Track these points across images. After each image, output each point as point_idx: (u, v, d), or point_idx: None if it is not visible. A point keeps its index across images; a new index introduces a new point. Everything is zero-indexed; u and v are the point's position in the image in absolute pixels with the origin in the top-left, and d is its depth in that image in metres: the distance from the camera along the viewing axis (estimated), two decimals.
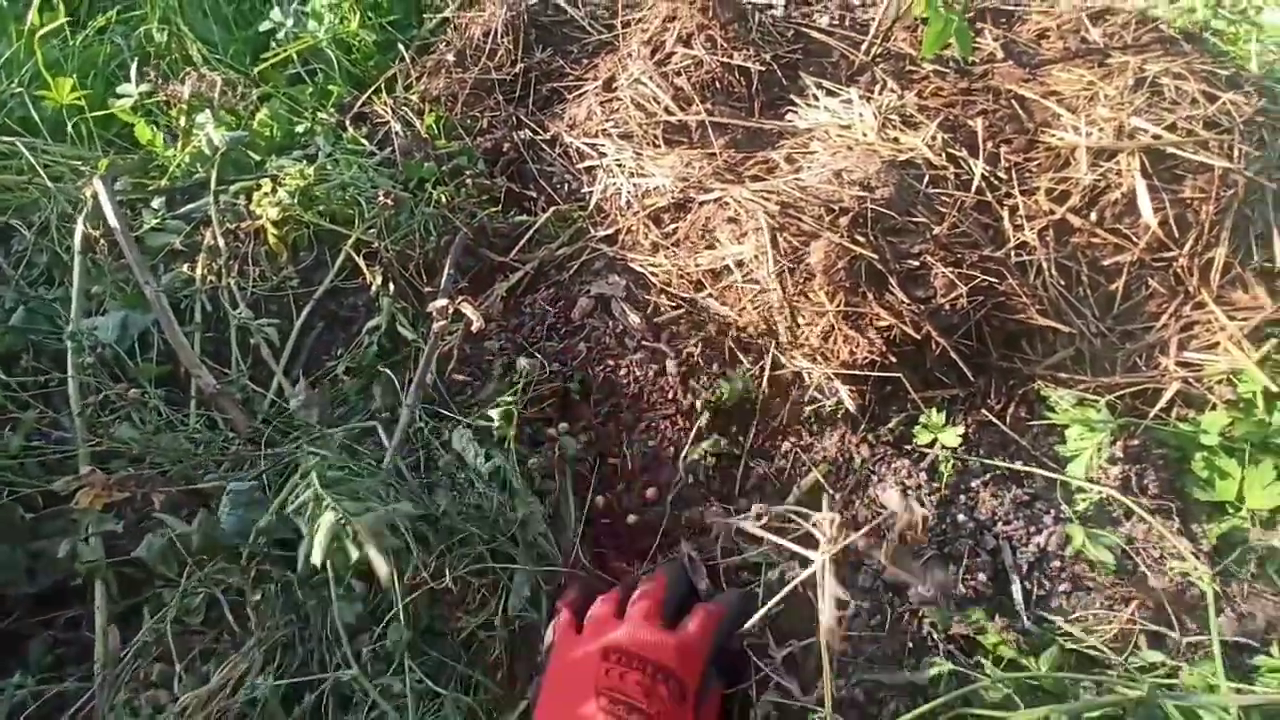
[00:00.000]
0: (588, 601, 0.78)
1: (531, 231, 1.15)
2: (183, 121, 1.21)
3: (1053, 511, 0.87)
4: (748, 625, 0.76)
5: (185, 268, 1.07)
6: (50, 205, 1.09)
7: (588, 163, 1.22)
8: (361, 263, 1.07)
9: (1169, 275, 1.05)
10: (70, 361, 0.93)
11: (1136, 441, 0.89)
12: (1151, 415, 0.92)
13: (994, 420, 0.94)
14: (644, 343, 1.01)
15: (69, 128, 1.27)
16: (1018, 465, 0.89)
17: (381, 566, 0.72)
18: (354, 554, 0.72)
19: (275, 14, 1.42)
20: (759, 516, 0.79)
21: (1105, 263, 1.05)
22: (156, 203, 1.14)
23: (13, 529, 0.83)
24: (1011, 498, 0.87)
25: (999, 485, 0.89)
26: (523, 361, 0.98)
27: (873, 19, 1.33)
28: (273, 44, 1.43)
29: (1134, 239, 1.05)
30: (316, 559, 0.68)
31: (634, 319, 1.03)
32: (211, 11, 1.53)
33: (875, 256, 0.95)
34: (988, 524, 0.86)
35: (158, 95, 1.22)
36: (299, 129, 1.31)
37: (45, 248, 1.08)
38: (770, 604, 0.73)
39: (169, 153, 1.22)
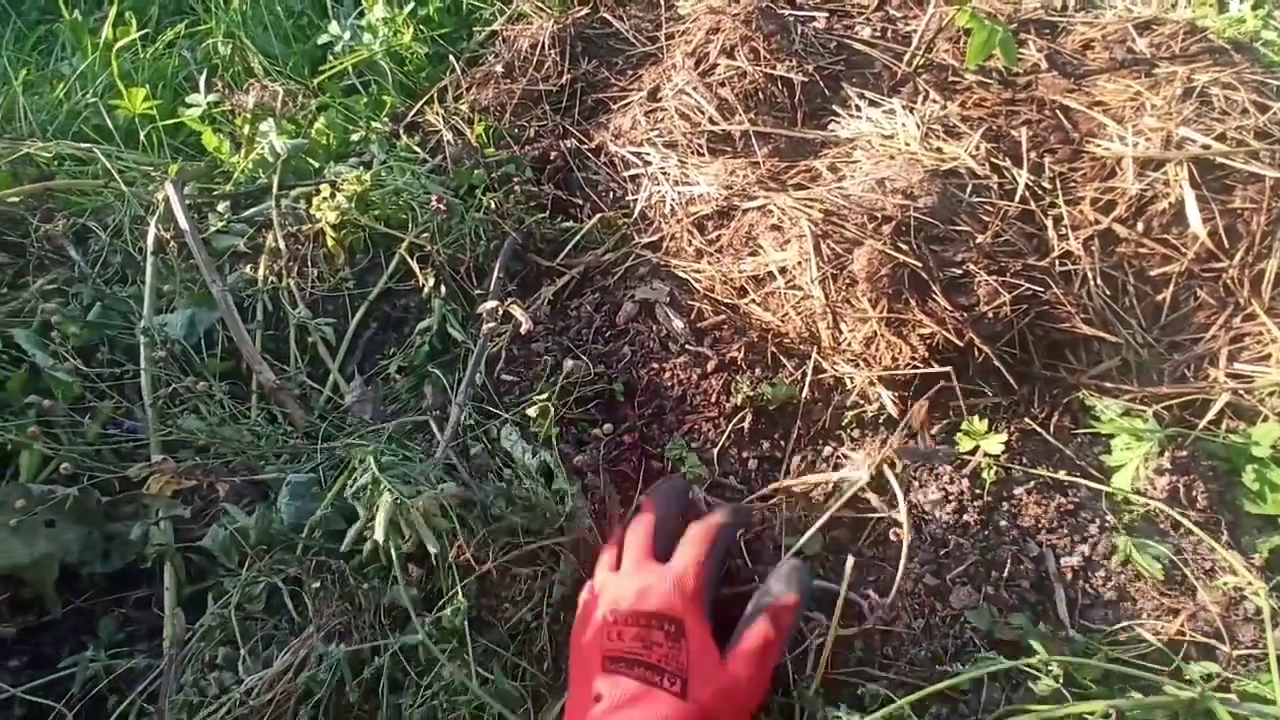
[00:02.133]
0: None
1: (578, 238, 1.18)
2: (246, 130, 1.26)
3: (1098, 520, 0.86)
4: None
5: (248, 269, 1.12)
6: (124, 208, 1.15)
7: (632, 171, 1.25)
8: (414, 265, 1.11)
9: (1218, 286, 1.04)
10: (143, 355, 0.98)
11: (1184, 452, 0.89)
12: (1200, 426, 0.91)
13: (1038, 429, 0.94)
14: (687, 347, 1.03)
15: (141, 135, 1.34)
16: (1062, 474, 0.89)
17: (432, 543, 0.76)
18: (408, 534, 0.75)
19: (333, 28, 1.48)
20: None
21: (1152, 273, 1.05)
22: (222, 206, 1.20)
23: (89, 512, 0.88)
24: (1055, 506, 0.87)
25: (1043, 493, 0.89)
26: (569, 363, 1.01)
27: (915, 30, 1.35)
28: (330, 56, 1.49)
29: (1182, 249, 1.04)
30: (379, 538, 0.71)
31: (677, 324, 1.05)
32: (272, 26, 1.59)
33: (919, 264, 0.96)
34: (1031, 531, 0.86)
35: (224, 105, 1.28)
36: (354, 137, 1.36)
37: (119, 248, 1.14)
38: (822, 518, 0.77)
39: (234, 159, 1.28)
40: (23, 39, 1.75)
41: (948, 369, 0.93)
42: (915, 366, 0.93)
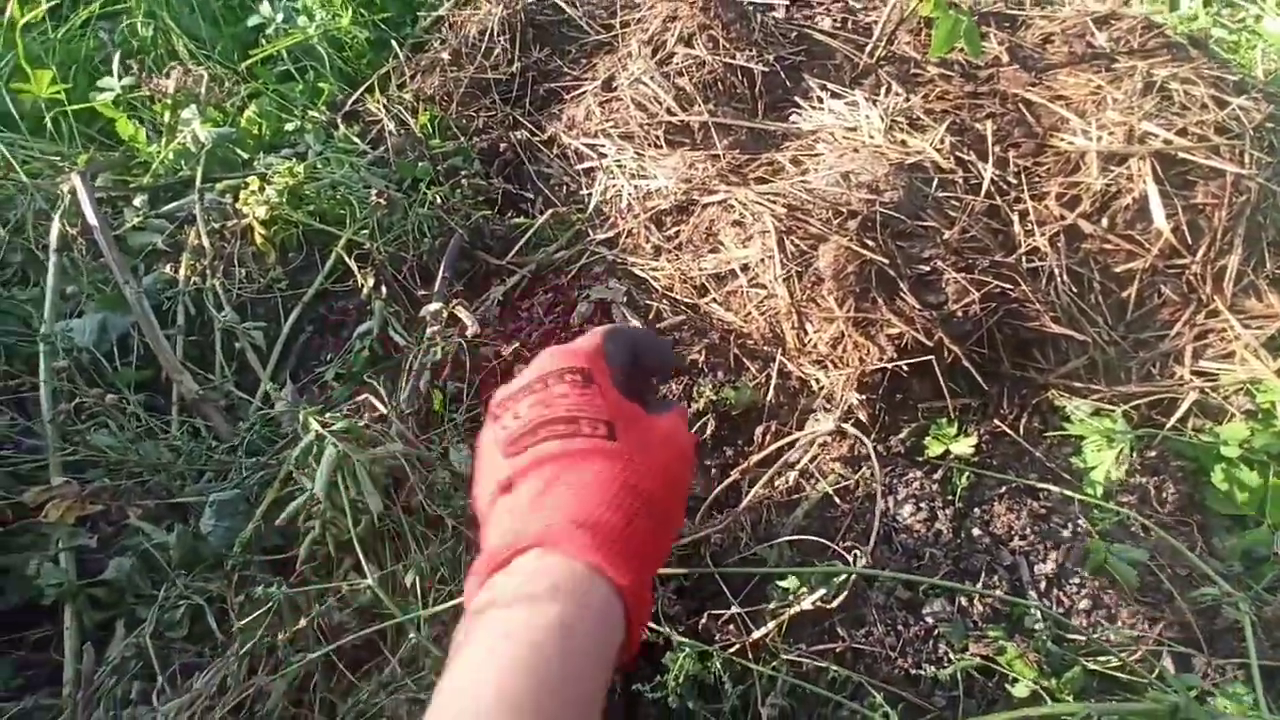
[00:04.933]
0: None
1: (529, 234, 1.12)
2: (167, 117, 1.16)
3: (1070, 525, 0.84)
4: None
5: (168, 268, 1.02)
6: (26, 202, 1.05)
7: (587, 164, 1.19)
8: (353, 264, 1.03)
9: (1182, 282, 1.03)
10: (42, 365, 0.88)
11: (1154, 453, 0.87)
12: (1168, 426, 0.90)
13: (1007, 431, 0.91)
14: None
15: (48, 122, 1.23)
16: (1033, 479, 0.86)
17: (375, 499, 0.70)
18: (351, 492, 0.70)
19: (265, 9, 1.38)
20: None
21: (1117, 269, 1.03)
22: (139, 200, 1.10)
23: None
24: (1028, 511, 0.85)
25: (1014, 498, 0.86)
26: (522, 369, 0.95)
27: (876, 21, 1.31)
28: (262, 40, 1.39)
29: (1146, 245, 1.03)
30: (319, 490, 0.68)
31: (635, 325, 1.00)
32: (199, 6, 1.48)
33: (885, 261, 0.92)
34: (1004, 539, 0.83)
35: (141, 90, 1.17)
36: (289, 127, 1.26)
37: (20, 246, 1.03)
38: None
39: (152, 149, 1.17)
40: None
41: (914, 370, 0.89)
42: (883, 368, 0.89)
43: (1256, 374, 0.92)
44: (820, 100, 1.21)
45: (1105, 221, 1.04)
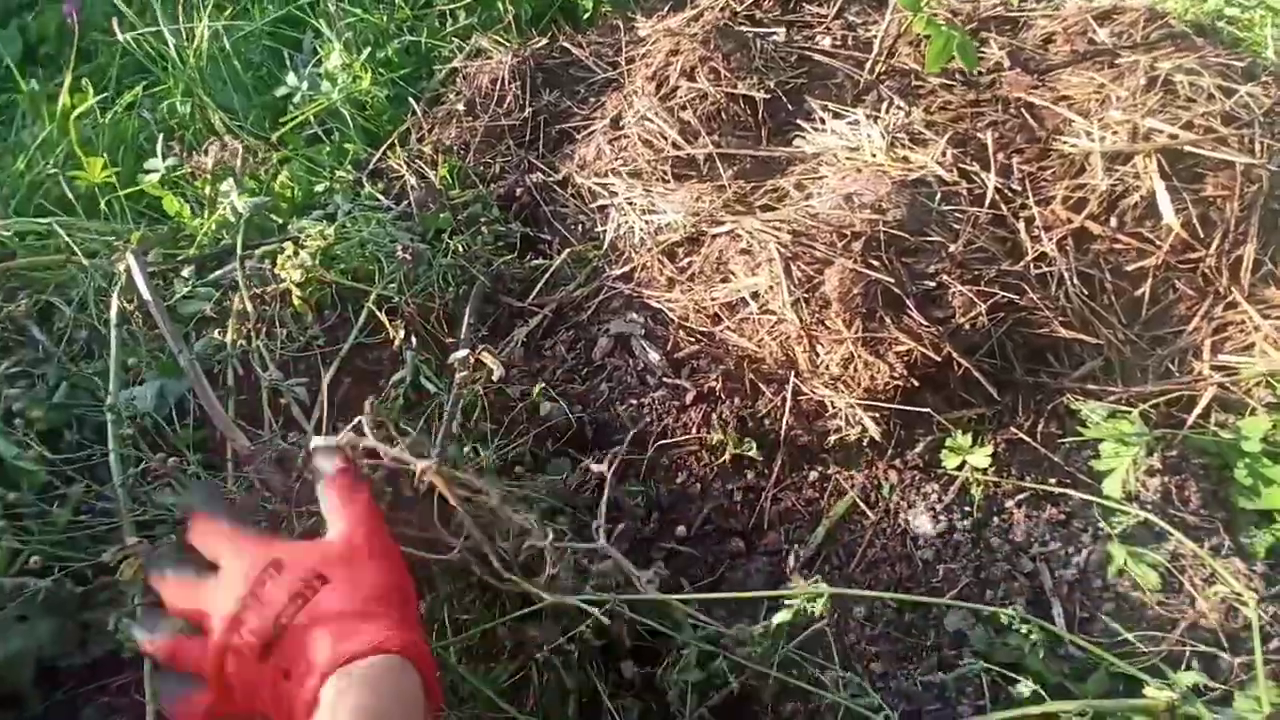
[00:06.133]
0: None
1: (548, 274, 1.17)
2: (208, 191, 1.25)
3: (1091, 529, 0.85)
4: None
5: (216, 333, 1.10)
6: (87, 281, 1.14)
7: (600, 202, 1.24)
8: (384, 318, 1.10)
9: (1197, 276, 1.03)
10: (110, 434, 0.96)
11: (1174, 452, 0.87)
12: (1188, 424, 0.90)
13: (1024, 438, 0.92)
14: (665, 379, 1.02)
15: (102, 204, 1.33)
16: (1051, 484, 0.88)
17: None
18: None
19: (290, 79, 1.46)
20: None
21: (1129, 268, 1.03)
22: (187, 271, 1.18)
23: (63, 603, 0.86)
24: (1047, 517, 0.86)
25: (1033, 505, 0.87)
26: (547, 406, 0.99)
27: (875, 37, 1.33)
28: (290, 108, 1.48)
29: (1157, 242, 1.03)
30: None
31: (654, 356, 1.04)
32: (231, 80, 1.58)
33: (891, 280, 0.95)
34: (1024, 546, 0.85)
35: (183, 168, 1.26)
36: (319, 188, 1.34)
37: (84, 323, 1.12)
38: None
39: (196, 222, 1.26)
40: None
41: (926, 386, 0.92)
42: (895, 385, 0.91)
43: (1277, 365, 0.91)
44: (823, 122, 1.24)
45: (1114, 221, 1.05)
